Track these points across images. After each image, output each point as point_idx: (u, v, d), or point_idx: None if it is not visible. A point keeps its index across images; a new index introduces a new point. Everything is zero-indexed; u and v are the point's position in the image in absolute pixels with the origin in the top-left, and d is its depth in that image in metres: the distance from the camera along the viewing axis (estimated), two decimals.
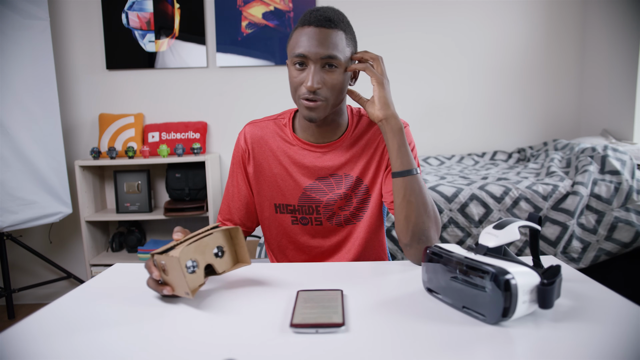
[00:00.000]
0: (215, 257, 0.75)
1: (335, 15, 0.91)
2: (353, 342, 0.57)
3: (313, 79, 0.88)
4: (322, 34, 0.88)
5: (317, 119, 0.93)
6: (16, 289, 2.32)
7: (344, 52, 0.90)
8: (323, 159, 1.01)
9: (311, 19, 0.89)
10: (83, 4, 2.55)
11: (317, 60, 0.88)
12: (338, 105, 0.96)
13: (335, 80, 0.90)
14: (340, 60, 0.89)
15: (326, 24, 0.88)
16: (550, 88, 2.66)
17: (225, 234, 0.77)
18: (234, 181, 1.07)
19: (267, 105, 2.60)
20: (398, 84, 2.64)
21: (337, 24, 0.90)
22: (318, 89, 0.89)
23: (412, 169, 0.90)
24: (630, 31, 2.31)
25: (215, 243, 0.75)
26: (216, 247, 0.75)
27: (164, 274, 0.71)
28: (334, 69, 0.90)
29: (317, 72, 0.88)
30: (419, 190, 0.90)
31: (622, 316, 0.62)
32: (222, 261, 0.76)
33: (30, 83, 2.14)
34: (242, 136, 1.06)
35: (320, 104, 0.90)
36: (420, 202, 0.89)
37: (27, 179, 2.11)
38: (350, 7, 2.57)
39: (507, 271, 0.57)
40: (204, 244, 0.73)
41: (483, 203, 1.74)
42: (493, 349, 0.55)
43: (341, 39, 0.90)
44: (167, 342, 0.58)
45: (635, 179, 1.76)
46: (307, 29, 0.89)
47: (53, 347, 0.57)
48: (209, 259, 0.74)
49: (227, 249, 0.77)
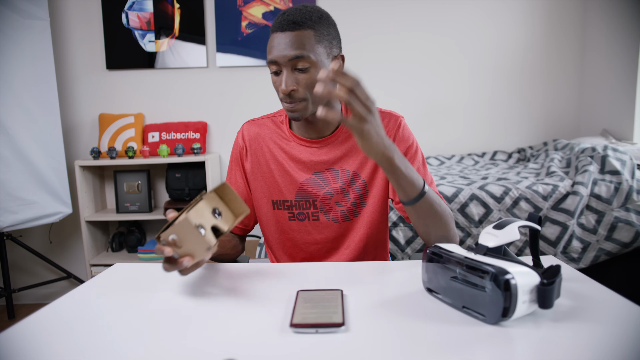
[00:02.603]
0: (215, 218, 0.77)
1: (300, 16, 0.90)
2: (353, 342, 0.57)
3: (286, 82, 0.90)
4: (287, 38, 0.89)
5: (300, 118, 0.95)
6: (16, 289, 2.32)
7: (314, 49, 0.90)
8: (319, 153, 1.02)
9: (277, 25, 0.91)
10: (83, 4, 2.55)
11: (286, 64, 0.90)
12: (323, 101, 0.96)
13: (309, 79, 0.91)
14: (310, 58, 0.89)
15: (290, 27, 0.89)
16: (550, 88, 2.66)
17: (214, 195, 0.79)
18: (232, 178, 1.09)
19: (266, 105, 2.59)
20: (398, 84, 2.65)
21: (301, 24, 0.89)
22: (293, 91, 0.90)
23: (417, 196, 0.83)
24: (630, 31, 2.31)
25: (209, 205, 0.77)
26: (212, 209, 0.77)
27: (177, 249, 0.70)
28: (307, 69, 0.90)
29: (289, 75, 0.90)
30: (430, 209, 0.86)
31: (622, 316, 0.62)
32: (222, 220, 0.78)
33: (30, 83, 2.14)
34: (240, 134, 1.09)
35: (299, 105, 0.92)
36: (437, 218, 0.87)
37: (27, 179, 2.11)
38: (351, 7, 2.57)
39: (507, 271, 0.57)
40: (199, 209, 0.75)
41: (483, 203, 1.74)
42: (493, 349, 0.55)
43: (308, 38, 0.90)
44: (167, 342, 0.58)
45: (635, 179, 1.76)
46: (274, 35, 0.91)
47: (53, 347, 0.57)
48: (210, 220, 0.75)
49: (222, 208, 0.79)
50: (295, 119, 0.95)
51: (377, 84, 2.63)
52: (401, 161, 0.79)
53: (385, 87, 2.63)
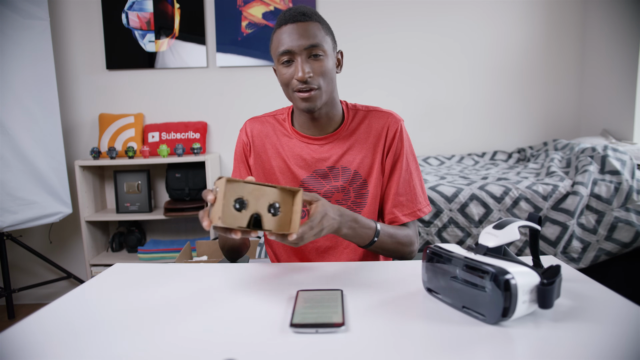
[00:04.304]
0: (268, 211, 0.71)
1: (307, 10, 0.95)
2: (353, 342, 0.57)
3: (302, 69, 0.91)
4: (301, 27, 0.92)
5: (315, 108, 0.95)
6: (16, 289, 2.32)
7: (325, 40, 0.94)
8: (321, 150, 1.03)
9: (286, 17, 0.93)
10: (83, 4, 2.55)
11: (301, 52, 0.91)
12: (331, 94, 0.98)
13: (324, 67, 0.93)
14: (323, 47, 0.93)
15: (301, 17, 0.92)
16: (550, 88, 2.66)
17: (287, 194, 0.73)
18: (237, 176, 1.09)
19: (266, 105, 2.57)
20: (398, 84, 2.65)
21: (311, 17, 0.94)
22: (309, 78, 0.92)
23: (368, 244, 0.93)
24: (630, 31, 2.31)
25: (274, 197, 0.71)
26: (273, 201, 0.71)
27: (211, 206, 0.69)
28: (320, 57, 0.93)
29: (305, 62, 0.92)
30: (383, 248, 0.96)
31: (622, 316, 0.62)
32: (272, 219, 0.71)
33: (30, 83, 2.14)
34: (244, 130, 1.09)
35: (315, 93, 0.93)
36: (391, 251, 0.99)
37: (27, 179, 2.11)
38: (351, 7, 2.57)
39: (507, 271, 0.57)
40: (263, 191, 0.70)
41: (483, 203, 1.74)
42: (493, 349, 0.55)
43: (319, 29, 0.94)
44: (167, 342, 0.58)
45: (635, 179, 1.76)
46: (285, 27, 0.93)
47: (53, 347, 0.57)
48: (260, 208, 0.70)
49: (283, 211, 0.72)
50: (309, 109, 0.95)
51: (377, 84, 2.63)
52: (350, 226, 0.87)
53: (385, 87, 2.63)
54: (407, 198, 1.02)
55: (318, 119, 1.01)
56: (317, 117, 1.00)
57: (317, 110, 0.97)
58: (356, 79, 2.60)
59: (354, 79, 2.59)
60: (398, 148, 1.02)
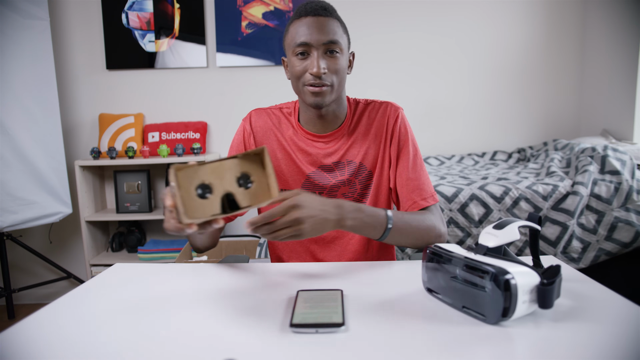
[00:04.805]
0: (238, 185, 0.61)
1: (329, 5, 0.95)
2: (353, 342, 0.57)
3: (318, 64, 0.90)
4: (321, 22, 0.91)
5: (324, 104, 0.95)
6: (16, 289, 2.32)
7: (343, 38, 0.94)
8: (326, 147, 1.03)
9: (307, 9, 0.92)
10: (83, 4, 2.55)
11: (319, 47, 0.91)
12: (340, 93, 0.99)
13: (339, 65, 0.93)
14: (341, 45, 0.93)
15: (323, 12, 0.92)
16: (550, 88, 2.66)
17: (253, 160, 0.62)
18: None
19: (266, 105, 2.60)
20: (398, 84, 2.65)
21: (332, 13, 0.94)
22: (324, 74, 0.91)
23: (384, 233, 0.86)
24: (630, 31, 2.31)
25: (239, 168, 0.61)
26: (240, 173, 0.62)
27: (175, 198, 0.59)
28: (336, 55, 0.93)
29: (321, 57, 0.91)
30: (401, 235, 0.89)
31: (622, 316, 0.62)
32: (246, 193, 0.61)
33: (30, 83, 2.14)
34: (248, 120, 1.09)
35: (326, 89, 0.93)
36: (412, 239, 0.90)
37: (27, 179, 2.11)
38: (351, 7, 2.57)
39: (507, 271, 0.57)
40: (224, 166, 0.60)
41: (483, 203, 1.74)
42: (493, 349, 0.55)
43: (338, 27, 0.94)
44: (167, 342, 0.58)
45: (635, 179, 1.76)
46: (304, 19, 0.92)
47: (53, 347, 0.57)
48: (228, 185, 0.60)
49: (256, 179, 0.62)
50: (317, 104, 0.94)
51: (377, 84, 2.63)
52: (353, 217, 0.81)
53: (385, 87, 2.63)
54: (420, 182, 1.00)
55: (325, 116, 1.01)
56: (324, 114, 1.00)
57: (325, 107, 0.97)
58: (356, 79, 2.60)
59: (354, 79, 2.58)
60: (402, 135, 1.02)
